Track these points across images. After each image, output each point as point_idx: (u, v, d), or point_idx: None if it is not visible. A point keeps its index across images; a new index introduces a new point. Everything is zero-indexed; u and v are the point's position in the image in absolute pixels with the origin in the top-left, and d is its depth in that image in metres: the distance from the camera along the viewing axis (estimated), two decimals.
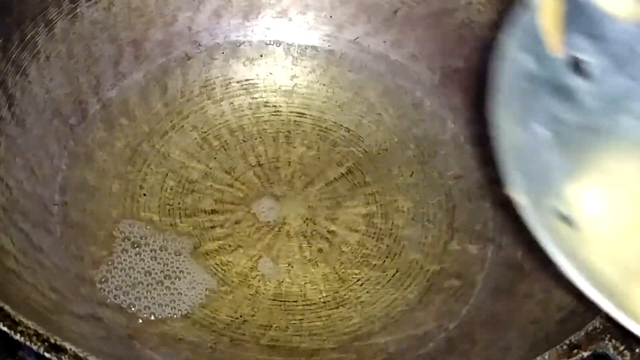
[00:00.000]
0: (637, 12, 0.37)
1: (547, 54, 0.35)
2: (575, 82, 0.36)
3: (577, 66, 0.37)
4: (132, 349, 0.48)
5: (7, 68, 0.52)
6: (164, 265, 0.52)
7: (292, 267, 0.53)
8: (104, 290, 0.50)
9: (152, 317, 0.50)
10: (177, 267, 0.52)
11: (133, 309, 0.50)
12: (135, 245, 0.52)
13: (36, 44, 0.54)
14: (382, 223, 0.55)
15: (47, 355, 0.39)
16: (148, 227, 0.53)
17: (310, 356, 0.50)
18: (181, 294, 0.51)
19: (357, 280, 0.53)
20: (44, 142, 0.54)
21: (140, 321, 0.49)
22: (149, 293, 0.51)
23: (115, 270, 0.51)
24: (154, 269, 0.51)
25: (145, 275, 0.51)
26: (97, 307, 0.49)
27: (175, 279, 0.51)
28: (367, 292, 0.53)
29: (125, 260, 0.52)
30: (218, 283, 0.52)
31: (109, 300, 0.50)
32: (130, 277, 0.51)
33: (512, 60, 0.34)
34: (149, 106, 0.59)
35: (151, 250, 0.52)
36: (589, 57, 0.36)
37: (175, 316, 0.50)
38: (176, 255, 0.52)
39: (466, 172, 0.58)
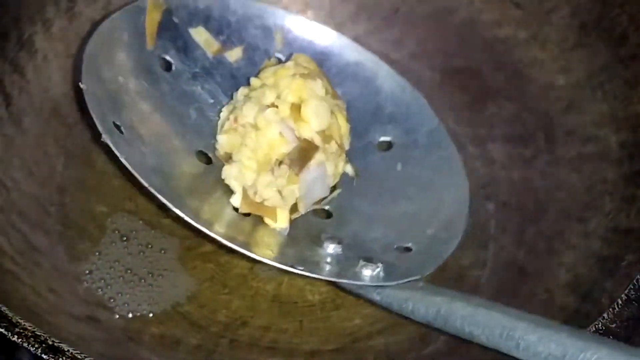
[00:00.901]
0: (215, 49, 0.53)
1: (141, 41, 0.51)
2: (157, 68, 0.51)
3: (161, 60, 0.52)
4: (130, 350, 0.48)
5: (5, 67, 0.52)
6: (148, 262, 0.51)
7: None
8: (87, 282, 0.50)
9: (130, 315, 0.49)
10: (161, 265, 0.51)
11: (112, 302, 0.50)
12: (124, 238, 0.52)
13: (34, 43, 0.53)
14: None
15: (44, 356, 0.39)
16: (140, 222, 0.53)
17: (310, 358, 0.50)
18: (162, 292, 0.50)
19: None
20: (42, 142, 0.54)
21: (117, 317, 0.49)
22: (131, 289, 0.50)
23: (100, 262, 0.51)
24: (138, 265, 0.51)
25: (127, 272, 0.51)
26: (95, 308, 0.49)
27: (159, 276, 0.51)
28: None
29: (112, 252, 0.51)
30: (202, 284, 0.51)
31: (91, 292, 0.50)
32: (114, 269, 0.51)
33: (114, 30, 0.49)
34: None
35: (138, 245, 0.52)
36: (171, 59, 0.52)
37: (151, 314, 0.50)
38: (161, 253, 0.52)
39: (466, 172, 0.57)
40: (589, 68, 0.54)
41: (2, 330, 0.39)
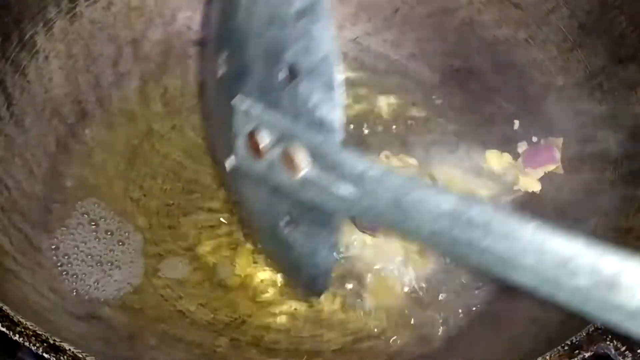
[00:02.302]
0: None
1: None
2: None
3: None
4: (131, 349, 0.48)
5: (6, 68, 0.52)
6: (110, 251, 0.52)
7: None
8: (55, 256, 0.51)
9: (75, 294, 0.50)
10: (121, 257, 0.52)
11: (66, 282, 0.50)
12: (107, 231, 0.53)
13: (35, 43, 0.53)
14: None
15: (46, 355, 0.39)
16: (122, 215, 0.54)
17: (310, 358, 0.50)
18: (116, 281, 0.51)
19: None
20: (43, 141, 0.54)
21: (74, 294, 0.50)
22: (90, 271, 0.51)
23: (67, 241, 0.51)
24: (99, 250, 0.52)
25: (88, 257, 0.51)
26: (96, 307, 0.49)
27: (116, 268, 0.51)
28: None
29: (81, 234, 0.52)
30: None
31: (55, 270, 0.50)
32: (82, 252, 0.51)
33: None
34: (148, 106, 0.59)
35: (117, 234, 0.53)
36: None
37: (101, 300, 0.50)
38: (119, 245, 0.52)
39: None
40: (587, 68, 0.54)
41: (4, 329, 0.39)
